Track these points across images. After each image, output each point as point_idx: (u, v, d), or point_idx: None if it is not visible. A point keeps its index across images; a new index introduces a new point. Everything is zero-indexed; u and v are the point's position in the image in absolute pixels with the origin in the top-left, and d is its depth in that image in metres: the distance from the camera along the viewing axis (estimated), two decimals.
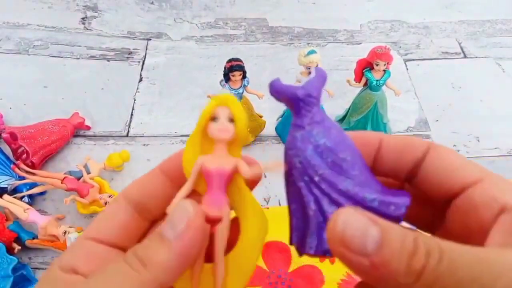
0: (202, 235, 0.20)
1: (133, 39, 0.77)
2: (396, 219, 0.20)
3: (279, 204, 0.58)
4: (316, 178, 0.21)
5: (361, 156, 0.22)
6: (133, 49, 0.75)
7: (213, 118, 0.22)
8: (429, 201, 0.22)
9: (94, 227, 0.23)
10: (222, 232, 0.22)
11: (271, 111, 0.65)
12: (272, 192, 0.58)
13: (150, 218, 0.24)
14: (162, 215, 0.22)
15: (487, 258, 0.16)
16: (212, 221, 0.22)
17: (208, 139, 0.22)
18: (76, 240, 0.23)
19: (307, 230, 0.21)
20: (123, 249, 0.23)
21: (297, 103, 0.22)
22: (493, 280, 0.15)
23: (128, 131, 0.65)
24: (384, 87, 0.61)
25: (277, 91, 0.22)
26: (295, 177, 0.21)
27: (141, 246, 0.20)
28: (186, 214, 0.20)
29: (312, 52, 0.55)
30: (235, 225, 0.22)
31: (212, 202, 0.22)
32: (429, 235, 0.17)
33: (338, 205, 0.20)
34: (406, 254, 0.16)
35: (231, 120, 0.22)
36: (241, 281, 0.22)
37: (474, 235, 0.19)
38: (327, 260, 0.51)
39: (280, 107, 0.64)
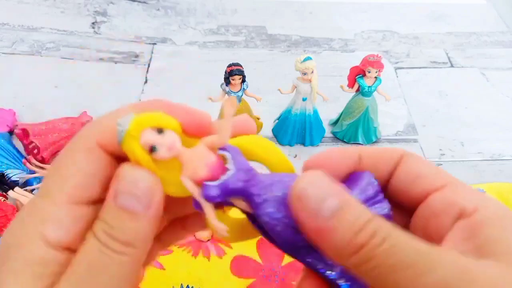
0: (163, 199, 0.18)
1: (140, 43, 0.77)
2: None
3: None
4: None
5: None
6: (140, 52, 0.75)
7: (151, 150, 0.17)
8: (401, 209, 0.21)
9: (74, 184, 0.18)
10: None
11: (268, 113, 0.65)
12: None
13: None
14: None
15: (427, 251, 0.15)
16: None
17: (166, 162, 0.18)
18: (54, 203, 0.17)
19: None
20: (97, 202, 0.19)
21: (244, 192, 0.18)
22: (425, 272, 0.15)
23: None
24: (375, 93, 0.61)
25: (224, 194, 0.18)
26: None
27: (108, 227, 0.17)
28: (148, 187, 0.17)
29: (308, 59, 0.55)
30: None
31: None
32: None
33: None
34: (353, 230, 0.16)
35: (160, 130, 0.17)
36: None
37: (433, 241, 0.17)
38: None
39: (277, 110, 0.64)
